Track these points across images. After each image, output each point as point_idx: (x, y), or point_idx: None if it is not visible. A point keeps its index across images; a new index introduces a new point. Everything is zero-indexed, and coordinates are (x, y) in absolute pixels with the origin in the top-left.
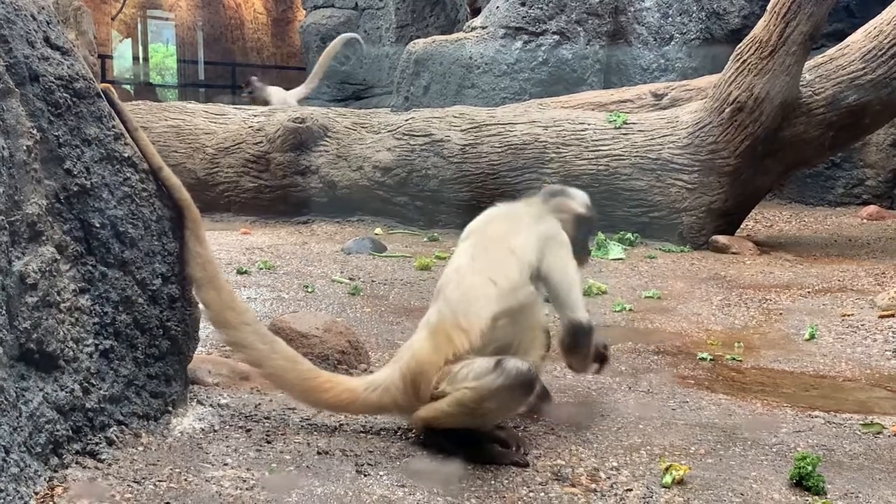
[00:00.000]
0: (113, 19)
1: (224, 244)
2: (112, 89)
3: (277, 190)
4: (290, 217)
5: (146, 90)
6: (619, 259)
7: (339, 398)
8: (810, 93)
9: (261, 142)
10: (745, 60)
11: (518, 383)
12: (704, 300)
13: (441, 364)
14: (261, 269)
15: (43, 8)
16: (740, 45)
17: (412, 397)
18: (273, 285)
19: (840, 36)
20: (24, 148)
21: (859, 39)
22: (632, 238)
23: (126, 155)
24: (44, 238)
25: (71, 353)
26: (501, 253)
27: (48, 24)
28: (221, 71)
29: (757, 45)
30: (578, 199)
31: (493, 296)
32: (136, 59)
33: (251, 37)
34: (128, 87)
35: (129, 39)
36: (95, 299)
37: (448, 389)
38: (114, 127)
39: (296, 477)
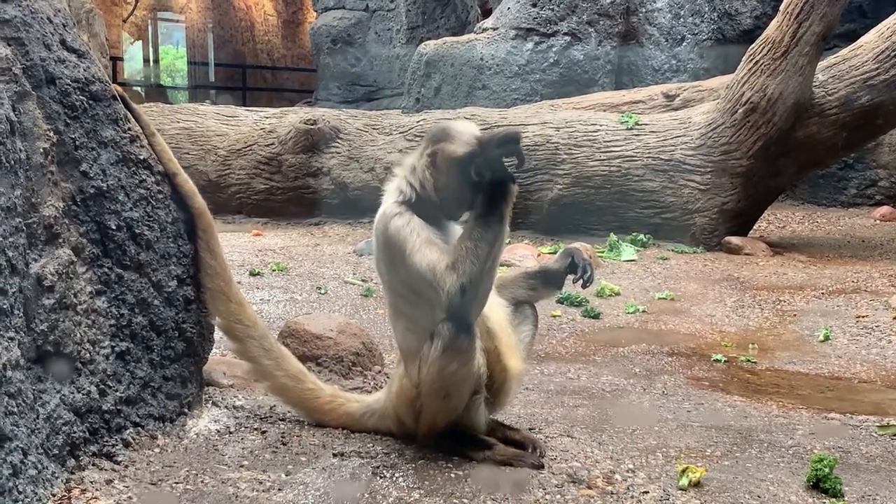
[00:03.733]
0: (125, 21)
1: (236, 246)
2: (122, 91)
3: (289, 191)
4: (302, 218)
5: (156, 92)
6: (631, 260)
7: (339, 421)
8: (823, 93)
9: (272, 143)
10: (757, 61)
11: (455, 335)
12: (718, 301)
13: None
14: (273, 270)
15: (59, 11)
16: (753, 45)
17: (405, 426)
18: (286, 287)
19: (853, 36)
20: (41, 150)
21: (872, 40)
22: (644, 239)
23: (142, 157)
24: (60, 240)
25: (88, 355)
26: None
27: (64, 26)
28: (232, 73)
29: (769, 45)
30: (461, 137)
31: (401, 329)
32: (146, 60)
33: (261, 39)
34: (138, 88)
35: (140, 41)
36: (112, 301)
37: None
38: (129, 129)
39: (312, 479)
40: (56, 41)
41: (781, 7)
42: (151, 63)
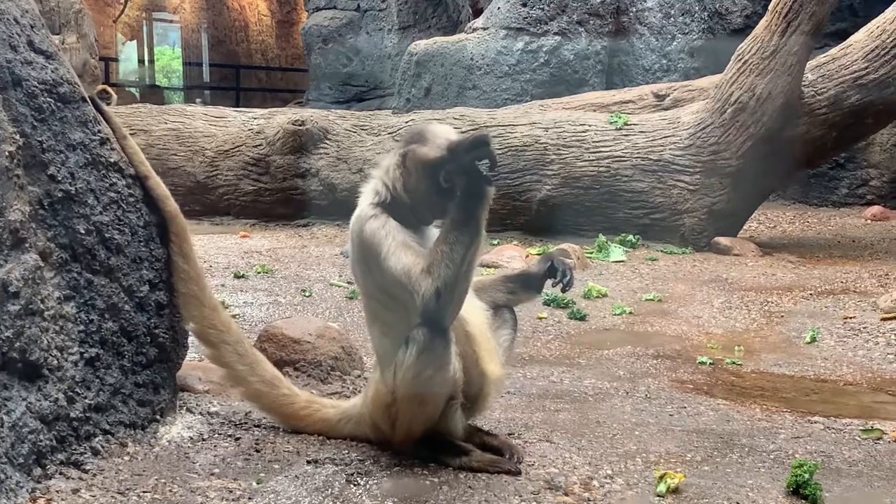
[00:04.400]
0: (115, 22)
1: (223, 248)
2: (111, 91)
3: (277, 193)
4: (290, 220)
5: (151, 93)
6: (620, 261)
7: (314, 427)
8: (812, 93)
9: (260, 144)
10: (746, 61)
11: (430, 339)
12: (705, 303)
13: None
14: (258, 272)
15: (27, 11)
16: (742, 44)
17: (382, 432)
18: (270, 289)
19: (843, 35)
20: (7, 154)
21: (862, 39)
22: (633, 240)
23: (112, 160)
24: (27, 245)
25: (55, 361)
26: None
27: (32, 27)
28: (226, 73)
29: (758, 44)
30: (434, 141)
31: (376, 333)
32: (141, 61)
33: (255, 39)
34: (133, 90)
35: (135, 42)
36: (81, 307)
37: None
38: (100, 132)
39: (283, 487)
40: (23, 42)
41: (770, 6)
42: (146, 63)
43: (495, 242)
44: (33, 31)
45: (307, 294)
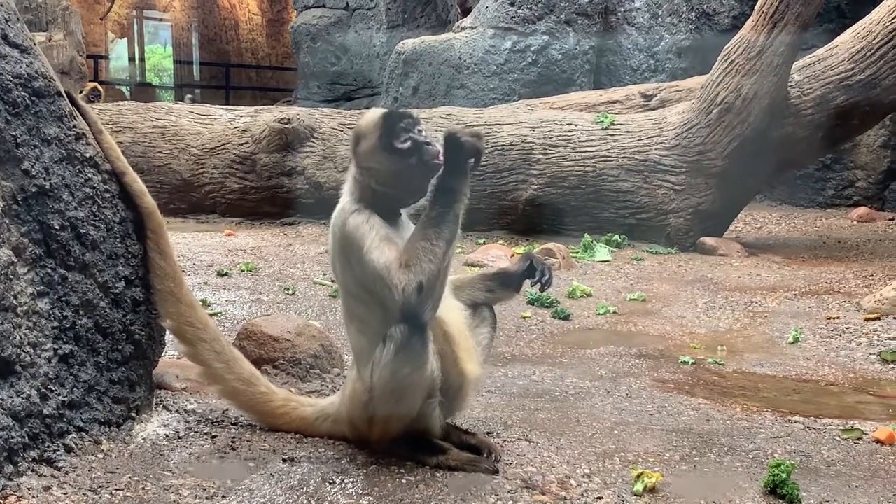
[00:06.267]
0: (102, 19)
1: (207, 246)
2: (100, 89)
3: (263, 191)
4: (276, 218)
5: (141, 91)
6: (605, 261)
7: (291, 425)
8: (799, 93)
9: (246, 142)
10: (732, 61)
11: (408, 338)
12: (689, 303)
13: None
14: (242, 271)
15: (1, 5)
16: (728, 45)
17: (359, 430)
18: (253, 287)
19: (830, 36)
20: None
21: (848, 40)
22: (619, 240)
23: (88, 155)
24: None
25: (28, 358)
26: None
27: (7, 21)
28: (216, 71)
29: (745, 45)
30: (366, 133)
31: (354, 331)
32: (131, 59)
33: (246, 38)
34: (123, 87)
35: (125, 40)
36: (55, 303)
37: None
38: (75, 126)
39: (258, 485)
40: None
41: (757, 6)
42: (137, 61)
43: (481, 242)
44: (8, 25)
45: (290, 292)
